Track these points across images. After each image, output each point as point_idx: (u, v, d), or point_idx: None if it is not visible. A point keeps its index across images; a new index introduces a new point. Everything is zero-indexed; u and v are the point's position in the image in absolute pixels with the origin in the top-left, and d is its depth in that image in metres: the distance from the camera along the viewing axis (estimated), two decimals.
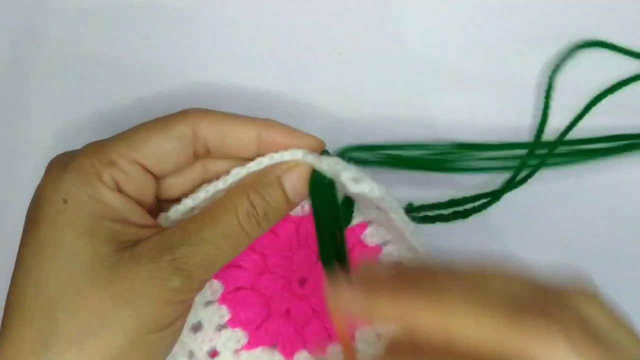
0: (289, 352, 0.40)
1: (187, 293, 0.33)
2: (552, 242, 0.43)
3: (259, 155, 0.36)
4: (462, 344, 0.24)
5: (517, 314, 0.24)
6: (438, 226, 0.41)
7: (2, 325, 0.32)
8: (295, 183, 0.36)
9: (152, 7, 0.44)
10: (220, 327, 0.39)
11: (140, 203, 0.35)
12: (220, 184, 0.36)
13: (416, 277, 0.27)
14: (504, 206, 0.43)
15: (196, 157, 0.36)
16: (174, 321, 0.33)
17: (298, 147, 0.36)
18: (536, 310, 0.24)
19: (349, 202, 0.39)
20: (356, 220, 0.40)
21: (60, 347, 0.30)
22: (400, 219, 0.37)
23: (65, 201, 0.32)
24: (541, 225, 0.43)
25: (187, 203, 0.36)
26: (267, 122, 0.36)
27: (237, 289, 0.40)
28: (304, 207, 0.39)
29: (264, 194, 0.35)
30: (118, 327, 0.31)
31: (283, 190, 0.35)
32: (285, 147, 0.36)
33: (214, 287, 0.39)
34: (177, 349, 0.39)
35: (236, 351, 0.39)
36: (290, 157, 0.36)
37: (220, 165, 0.37)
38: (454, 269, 0.28)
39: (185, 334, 0.39)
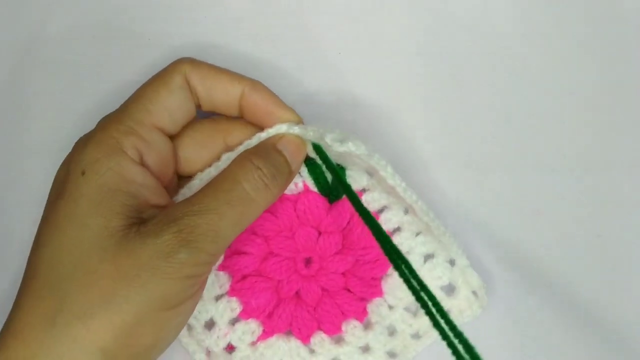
0: (304, 335, 0.40)
1: (195, 267, 0.32)
2: (553, 241, 0.42)
3: (243, 117, 0.38)
4: None
5: None
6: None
7: (16, 298, 0.32)
8: (291, 149, 0.36)
9: (152, 8, 0.44)
10: (234, 321, 0.40)
11: (160, 177, 0.35)
12: (213, 170, 0.37)
13: None
14: (502, 204, 0.43)
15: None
16: (183, 301, 0.32)
17: (276, 115, 0.37)
18: None
19: (340, 172, 0.39)
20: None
21: (67, 322, 0.30)
22: (390, 176, 0.38)
23: (83, 172, 0.33)
24: (542, 225, 0.43)
25: (185, 193, 0.37)
26: (254, 83, 0.37)
27: (245, 276, 0.40)
28: (298, 185, 0.40)
29: (268, 158, 0.35)
30: (125, 303, 0.31)
31: (283, 155, 0.36)
32: (265, 112, 0.37)
33: (222, 280, 0.39)
34: (194, 347, 0.39)
35: (252, 343, 0.40)
36: (276, 132, 0.37)
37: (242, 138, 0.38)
38: None
39: (200, 332, 0.39)
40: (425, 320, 0.38)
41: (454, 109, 0.44)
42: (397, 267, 0.34)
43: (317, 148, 0.37)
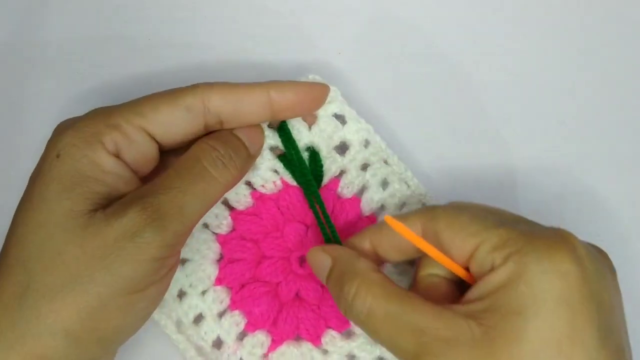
0: (314, 337, 0.39)
1: (161, 248, 0.32)
2: None
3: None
4: None
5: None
6: None
7: None
8: (247, 132, 0.37)
9: (153, 8, 0.44)
10: (241, 335, 0.39)
11: (137, 170, 0.35)
12: None
13: None
14: (502, 204, 0.42)
15: (207, 129, 0.36)
16: (148, 286, 0.32)
17: (308, 100, 0.37)
18: None
19: (315, 157, 0.39)
20: (327, 177, 0.40)
21: (34, 300, 0.31)
22: (365, 129, 0.40)
23: (58, 155, 0.33)
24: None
25: None
26: (277, 84, 0.36)
27: (243, 285, 0.40)
28: (277, 183, 0.40)
29: (223, 140, 0.35)
30: (90, 285, 0.31)
31: (239, 139, 0.36)
32: (298, 104, 0.37)
33: (221, 295, 0.39)
34: None
35: (264, 356, 0.39)
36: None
37: None
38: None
39: (210, 352, 0.39)
40: None
41: (454, 108, 0.44)
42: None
43: (282, 129, 0.38)
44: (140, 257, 0.31)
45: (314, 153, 0.40)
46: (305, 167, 0.39)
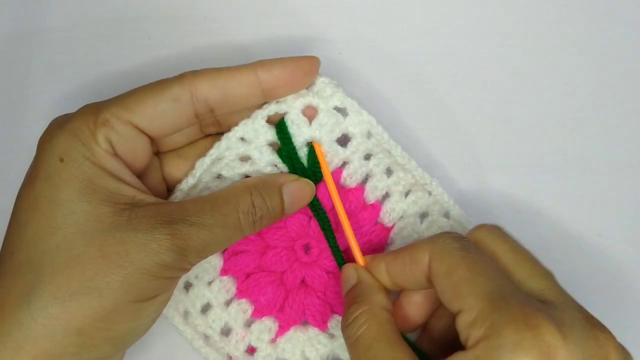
0: (320, 322, 0.40)
1: (175, 271, 0.33)
2: (553, 241, 0.42)
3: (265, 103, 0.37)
4: None
5: None
6: None
7: None
8: (294, 196, 0.37)
9: (152, 8, 0.45)
10: (249, 322, 0.40)
11: (132, 166, 0.35)
12: (190, 180, 0.38)
13: None
14: (502, 204, 0.42)
15: (198, 118, 0.36)
16: (158, 295, 0.33)
17: (299, 75, 0.37)
18: None
19: (314, 152, 0.39)
20: (329, 170, 0.40)
21: (45, 300, 0.31)
22: (366, 117, 0.39)
23: (62, 160, 0.33)
24: (542, 225, 0.43)
25: (182, 188, 0.38)
26: (262, 62, 0.36)
27: (248, 275, 0.40)
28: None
29: (265, 197, 0.36)
30: (106, 290, 0.31)
31: (282, 199, 0.37)
32: (287, 80, 0.36)
33: (228, 285, 0.40)
34: (215, 356, 0.40)
35: (271, 341, 0.40)
36: (259, 114, 0.38)
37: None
38: None
39: (218, 340, 0.40)
40: None
41: (454, 108, 0.44)
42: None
43: (280, 127, 0.38)
44: (156, 274, 0.32)
45: (313, 148, 0.40)
46: (301, 167, 0.39)
